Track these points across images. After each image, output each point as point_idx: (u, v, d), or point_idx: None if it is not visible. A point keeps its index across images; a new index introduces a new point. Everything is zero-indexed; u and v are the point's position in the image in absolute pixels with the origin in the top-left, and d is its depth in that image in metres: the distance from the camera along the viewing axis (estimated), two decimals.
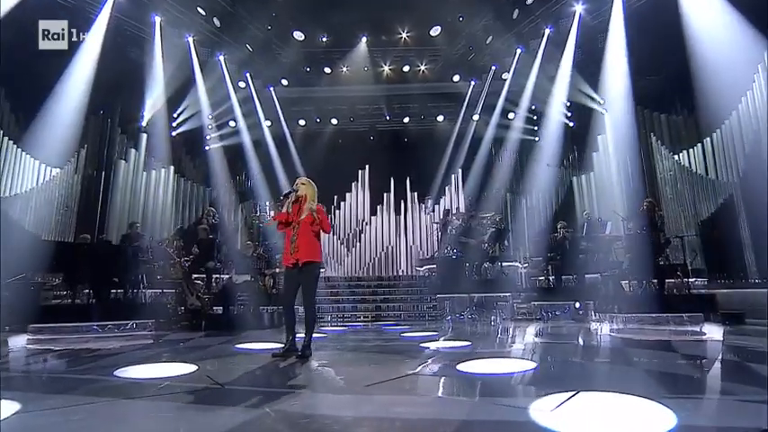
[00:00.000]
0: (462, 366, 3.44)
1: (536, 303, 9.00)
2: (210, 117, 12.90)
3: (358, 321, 9.34)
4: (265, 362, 3.84)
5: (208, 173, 13.48)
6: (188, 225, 11.89)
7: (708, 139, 8.85)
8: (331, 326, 8.61)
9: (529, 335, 6.00)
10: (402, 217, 14.33)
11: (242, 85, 12.96)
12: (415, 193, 14.51)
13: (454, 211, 12.14)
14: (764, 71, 7.38)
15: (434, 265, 10.85)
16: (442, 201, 14.28)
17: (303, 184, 4.17)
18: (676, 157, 9.53)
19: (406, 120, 14.71)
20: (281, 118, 13.93)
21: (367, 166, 14.52)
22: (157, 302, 7.81)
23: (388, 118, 14.68)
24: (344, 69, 13.17)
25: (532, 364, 3.52)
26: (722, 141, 8.55)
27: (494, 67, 12.96)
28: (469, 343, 5.08)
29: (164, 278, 8.34)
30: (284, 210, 4.06)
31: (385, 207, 14.42)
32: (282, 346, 4.12)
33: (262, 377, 3.33)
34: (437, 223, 13.16)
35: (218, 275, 9.14)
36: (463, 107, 13.90)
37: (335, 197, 14.12)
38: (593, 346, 5.01)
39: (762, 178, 6.99)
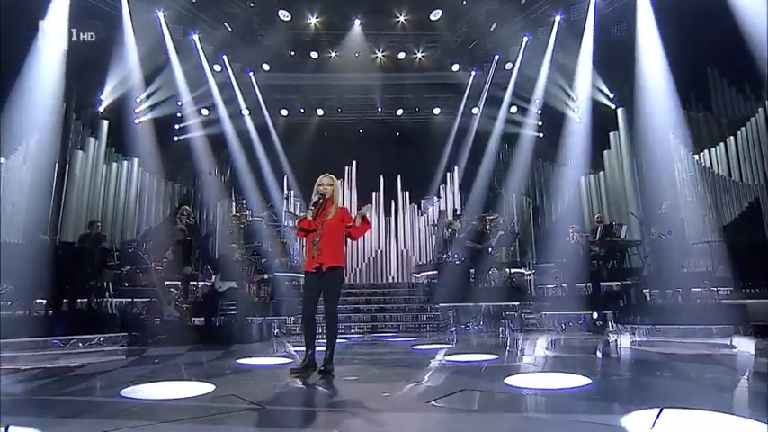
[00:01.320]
0: (510, 381, 3.46)
1: (547, 313, 9.13)
2: (181, 104, 12.53)
3: (353, 333, 9.24)
4: (285, 378, 3.76)
5: (179, 166, 13.09)
6: (154, 225, 11.47)
7: (731, 138, 9.13)
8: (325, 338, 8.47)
9: (551, 347, 6.05)
10: (393, 218, 14.28)
11: (218, 68, 12.64)
12: (407, 193, 14.47)
13: (452, 213, 12.15)
14: None
15: (434, 272, 10.82)
16: (438, 202, 14.28)
17: (330, 185, 4.08)
18: (696, 157, 9.80)
19: (400, 112, 14.64)
20: (263, 107, 13.66)
21: (354, 162, 14.38)
22: (127, 313, 7.53)
23: (379, 110, 14.58)
24: (333, 55, 13.04)
25: (586, 380, 3.53)
26: (747, 141, 8.84)
27: (497, 57, 13.05)
28: (496, 356, 5.09)
29: (134, 285, 8.07)
30: (310, 217, 3.97)
31: (374, 207, 14.32)
32: (293, 360, 4.04)
33: (298, 396, 3.26)
34: (434, 225, 13.17)
35: (194, 282, 8.91)
36: (463, 99, 13.89)
37: None
38: (633, 360, 5.09)
39: None
